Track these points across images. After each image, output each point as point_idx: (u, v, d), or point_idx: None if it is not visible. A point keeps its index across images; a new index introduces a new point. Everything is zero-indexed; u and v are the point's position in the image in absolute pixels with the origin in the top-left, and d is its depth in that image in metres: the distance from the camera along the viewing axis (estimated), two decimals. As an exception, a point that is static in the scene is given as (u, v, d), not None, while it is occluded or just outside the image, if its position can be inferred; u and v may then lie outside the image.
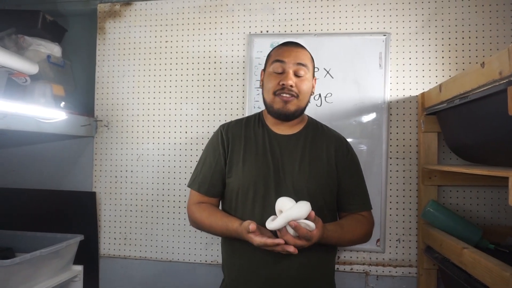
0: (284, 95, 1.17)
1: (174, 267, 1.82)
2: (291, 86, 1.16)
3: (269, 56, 1.27)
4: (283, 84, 1.16)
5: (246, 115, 1.75)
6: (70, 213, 1.89)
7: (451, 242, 1.29)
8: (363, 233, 1.22)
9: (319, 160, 1.21)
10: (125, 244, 1.86)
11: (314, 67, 1.27)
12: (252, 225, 1.02)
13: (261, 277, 1.14)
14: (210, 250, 1.80)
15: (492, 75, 0.98)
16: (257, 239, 1.02)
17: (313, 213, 1.01)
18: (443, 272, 1.45)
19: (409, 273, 1.66)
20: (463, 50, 1.66)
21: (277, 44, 1.31)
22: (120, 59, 1.90)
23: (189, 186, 1.29)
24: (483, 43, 1.65)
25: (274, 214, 1.06)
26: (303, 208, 1.01)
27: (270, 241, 1.01)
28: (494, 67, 0.97)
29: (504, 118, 0.92)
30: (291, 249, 1.01)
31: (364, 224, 1.23)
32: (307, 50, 1.25)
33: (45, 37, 1.77)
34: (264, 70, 1.28)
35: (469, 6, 1.66)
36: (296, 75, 1.18)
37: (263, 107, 1.30)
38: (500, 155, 1.16)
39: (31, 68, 1.45)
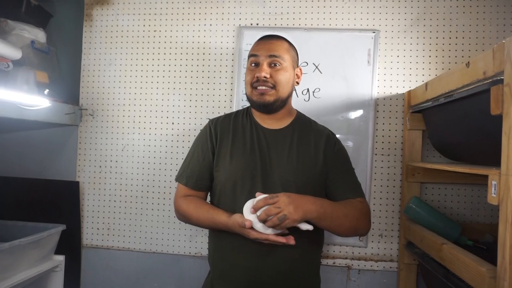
0: (260, 87, 1.18)
1: (158, 259, 1.81)
2: (265, 77, 1.17)
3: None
4: (257, 77, 1.18)
5: (234, 107, 1.75)
6: (52, 203, 1.85)
7: (431, 237, 1.32)
8: (358, 213, 1.14)
9: (307, 154, 1.21)
10: (108, 235, 1.84)
11: (294, 57, 1.26)
12: (247, 222, 1.03)
13: (247, 271, 1.14)
14: (194, 242, 1.80)
15: (476, 75, 1.00)
16: (254, 234, 1.04)
17: (259, 193, 1.07)
18: (422, 267, 1.48)
19: (390, 267, 1.69)
20: (449, 50, 1.69)
21: None
22: (107, 47, 1.86)
23: (176, 180, 1.28)
24: (470, 44, 1.68)
25: None
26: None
27: (264, 236, 1.03)
28: (478, 67, 0.99)
29: (486, 118, 0.94)
30: (283, 239, 1.03)
31: (359, 206, 1.16)
32: (284, 41, 1.24)
33: (29, 21, 1.72)
34: None
35: (457, 6, 1.68)
36: (271, 66, 1.19)
37: (251, 100, 1.30)
38: (481, 154, 1.18)
39: (13, 53, 1.41)
